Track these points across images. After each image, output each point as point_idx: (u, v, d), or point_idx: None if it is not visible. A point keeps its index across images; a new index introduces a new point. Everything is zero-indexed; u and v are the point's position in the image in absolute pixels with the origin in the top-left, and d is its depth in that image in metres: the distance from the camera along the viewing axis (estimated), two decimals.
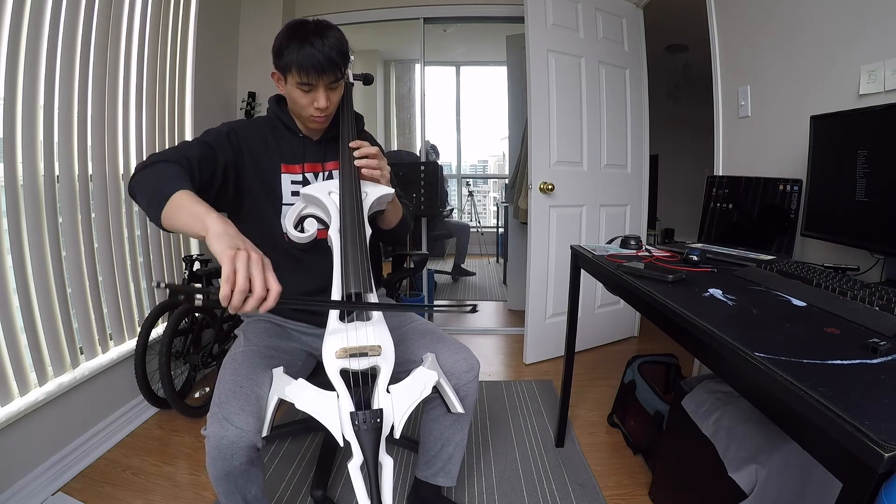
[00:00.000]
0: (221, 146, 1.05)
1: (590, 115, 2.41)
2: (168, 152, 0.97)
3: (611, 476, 1.51)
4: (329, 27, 1.03)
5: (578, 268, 1.49)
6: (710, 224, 1.54)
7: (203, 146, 1.02)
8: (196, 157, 0.98)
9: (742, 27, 1.70)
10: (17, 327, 1.34)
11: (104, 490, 1.43)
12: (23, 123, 1.33)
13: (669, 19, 2.79)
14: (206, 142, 1.04)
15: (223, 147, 1.06)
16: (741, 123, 1.71)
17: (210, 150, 1.03)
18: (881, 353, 0.61)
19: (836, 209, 1.13)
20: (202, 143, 1.04)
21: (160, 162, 0.91)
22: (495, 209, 5.34)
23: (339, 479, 1.47)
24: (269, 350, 1.07)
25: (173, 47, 2.02)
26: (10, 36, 1.27)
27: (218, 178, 1.04)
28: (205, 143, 1.03)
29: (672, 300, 0.87)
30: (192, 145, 1.02)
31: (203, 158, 1.00)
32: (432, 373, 0.95)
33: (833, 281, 0.91)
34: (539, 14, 2.22)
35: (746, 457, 1.00)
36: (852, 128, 1.09)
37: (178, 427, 1.77)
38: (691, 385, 1.26)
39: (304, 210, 1.06)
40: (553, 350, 2.47)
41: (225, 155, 1.05)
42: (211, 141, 1.05)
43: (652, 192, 2.79)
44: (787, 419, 0.57)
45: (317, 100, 1.04)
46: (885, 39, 1.14)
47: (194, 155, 0.98)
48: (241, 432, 0.85)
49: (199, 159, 0.98)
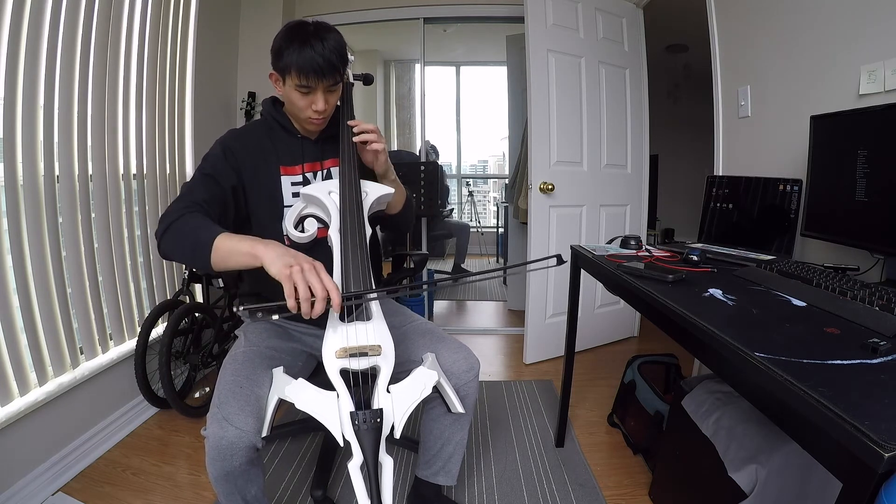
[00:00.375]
0: (222, 172, 1.05)
1: (590, 115, 2.41)
2: (179, 206, 0.97)
3: (611, 476, 1.51)
4: (328, 29, 1.03)
5: (578, 268, 1.49)
6: (710, 224, 1.54)
7: (206, 181, 1.03)
8: (204, 199, 1.00)
9: (742, 27, 1.70)
10: (17, 327, 1.34)
11: (104, 490, 1.43)
12: (23, 123, 1.33)
13: (669, 19, 2.79)
14: (207, 174, 1.04)
15: (225, 173, 1.06)
16: (741, 123, 1.71)
17: (214, 184, 1.03)
18: (881, 353, 0.61)
19: (836, 209, 1.13)
20: (204, 176, 1.04)
21: (179, 219, 0.93)
22: (495, 209, 5.34)
23: (339, 479, 1.47)
24: (269, 350, 1.07)
25: (173, 47, 2.02)
26: (10, 36, 1.27)
27: (230, 205, 1.07)
28: (207, 177, 1.03)
29: (672, 300, 0.88)
30: (195, 187, 1.02)
31: (211, 198, 1.01)
32: (432, 372, 0.95)
33: (833, 281, 0.91)
34: (539, 14, 2.22)
35: (746, 457, 1.00)
36: (852, 128, 1.09)
37: (178, 427, 1.77)
38: (691, 385, 1.26)
39: (304, 210, 1.06)
40: (553, 350, 2.47)
41: (229, 180, 1.06)
42: (211, 171, 1.04)
43: (652, 192, 2.79)
44: (787, 419, 0.57)
45: (315, 102, 1.05)
46: (885, 39, 1.14)
47: (202, 198, 1.00)
48: (241, 432, 0.85)
49: (207, 201, 1.00)
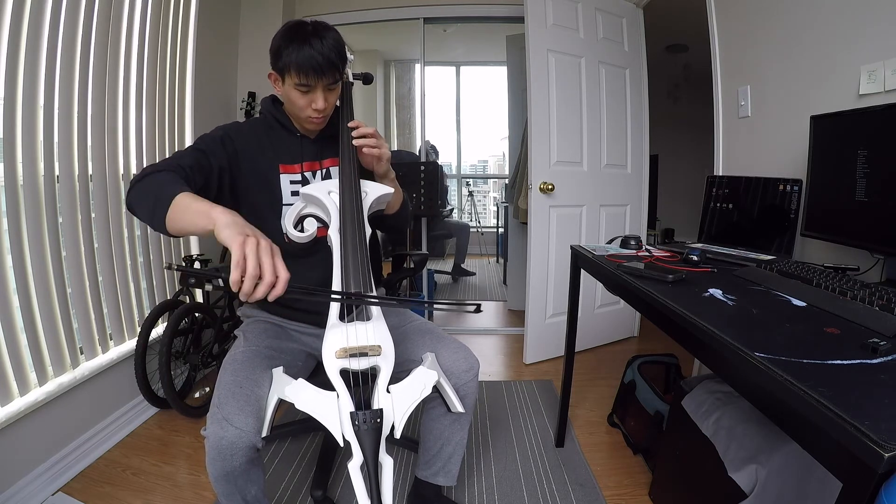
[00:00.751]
0: (214, 151, 1.05)
1: (590, 115, 2.41)
2: (161, 163, 0.97)
3: (611, 476, 1.51)
4: (327, 28, 1.04)
5: (578, 268, 1.49)
6: (710, 224, 1.54)
7: (196, 153, 1.02)
8: (189, 164, 0.98)
9: (742, 27, 1.70)
10: (17, 327, 1.34)
11: (104, 490, 1.43)
12: (23, 123, 1.33)
13: (669, 19, 2.79)
14: (198, 148, 1.04)
15: (216, 152, 1.06)
16: (741, 123, 1.71)
17: (203, 157, 1.03)
18: (881, 353, 0.61)
19: (836, 209, 1.13)
20: (195, 149, 1.04)
21: (154, 173, 0.91)
22: (495, 209, 5.34)
23: (339, 479, 1.47)
24: (268, 350, 1.07)
25: (173, 47, 2.02)
26: (10, 36, 1.27)
27: (213, 183, 1.05)
28: (198, 150, 1.03)
29: (672, 300, 0.88)
30: (184, 154, 1.02)
31: (196, 165, 1.00)
32: (432, 372, 0.95)
33: (833, 281, 0.91)
34: (539, 14, 2.22)
35: (746, 457, 1.00)
36: (852, 128, 1.09)
37: (178, 427, 1.77)
38: (691, 385, 1.26)
39: (304, 210, 1.06)
40: (553, 350, 2.47)
41: (219, 160, 1.05)
42: (204, 147, 1.05)
43: (652, 192, 2.79)
44: (787, 419, 0.57)
45: (315, 101, 1.05)
46: (885, 39, 1.14)
47: (187, 163, 0.98)
48: (241, 433, 0.85)
49: (191, 167, 0.99)
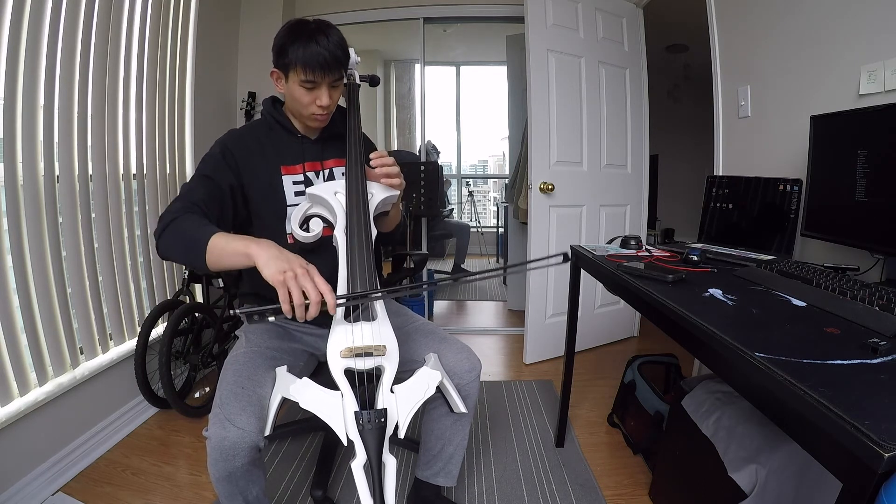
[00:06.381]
0: (221, 172, 1.05)
1: (590, 115, 2.41)
2: (175, 206, 0.97)
3: (611, 476, 1.51)
4: (330, 26, 1.04)
5: (578, 268, 1.49)
6: (710, 224, 1.54)
7: (204, 182, 1.03)
8: (202, 199, 1.00)
9: (742, 27, 1.70)
10: (17, 327, 1.34)
11: (104, 490, 1.43)
12: (23, 123, 1.33)
13: (669, 19, 2.79)
14: (205, 175, 1.04)
15: (223, 173, 1.06)
16: (741, 123, 1.72)
17: (211, 183, 1.03)
18: (881, 353, 0.62)
19: (836, 209, 1.13)
20: (202, 178, 1.04)
21: (175, 220, 0.93)
22: (495, 209, 5.34)
23: (340, 479, 1.47)
24: (270, 351, 1.07)
25: (173, 47, 2.02)
26: (10, 36, 1.27)
27: (228, 204, 1.06)
28: (204, 178, 1.04)
29: (672, 300, 0.88)
30: (194, 187, 1.02)
31: (208, 197, 1.01)
32: (436, 373, 0.95)
33: (833, 281, 0.91)
34: (539, 14, 2.22)
35: (746, 457, 1.00)
36: (852, 128, 1.09)
37: (179, 427, 1.77)
38: (691, 385, 1.26)
39: (310, 210, 1.06)
40: (553, 350, 2.47)
41: (227, 179, 1.06)
42: (209, 172, 1.05)
43: (652, 192, 2.79)
44: (787, 419, 0.57)
45: (319, 98, 1.05)
46: (885, 39, 1.14)
47: (200, 198, 0.99)
48: (243, 433, 0.85)
49: (205, 201, 1.00)
